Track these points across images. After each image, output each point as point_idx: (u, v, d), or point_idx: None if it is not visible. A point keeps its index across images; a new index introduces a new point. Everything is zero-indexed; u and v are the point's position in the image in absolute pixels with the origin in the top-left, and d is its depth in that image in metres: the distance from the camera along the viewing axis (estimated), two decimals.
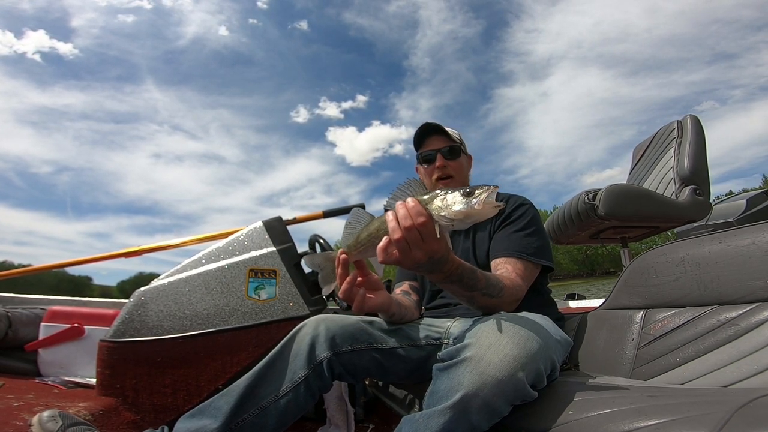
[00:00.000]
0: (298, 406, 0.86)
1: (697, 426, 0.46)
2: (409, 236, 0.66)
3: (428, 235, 0.66)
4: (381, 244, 0.69)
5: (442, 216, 0.65)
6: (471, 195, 0.64)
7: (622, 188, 1.61)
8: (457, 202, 0.64)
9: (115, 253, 1.97)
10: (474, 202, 0.64)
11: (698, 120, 1.83)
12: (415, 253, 0.67)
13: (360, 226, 0.76)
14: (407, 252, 0.67)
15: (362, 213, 0.78)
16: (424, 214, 0.65)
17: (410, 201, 0.66)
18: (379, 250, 0.68)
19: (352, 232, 0.77)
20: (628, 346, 0.88)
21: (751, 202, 2.47)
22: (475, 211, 0.64)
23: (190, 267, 1.29)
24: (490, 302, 0.83)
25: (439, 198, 0.66)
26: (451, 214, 0.65)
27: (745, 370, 0.68)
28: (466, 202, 0.64)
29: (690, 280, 0.83)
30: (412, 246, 0.66)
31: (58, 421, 0.86)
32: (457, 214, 0.64)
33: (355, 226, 0.77)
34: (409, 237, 0.66)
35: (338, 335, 0.90)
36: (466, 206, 0.64)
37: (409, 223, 0.65)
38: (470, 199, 0.64)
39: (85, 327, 1.49)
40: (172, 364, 1.18)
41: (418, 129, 1.21)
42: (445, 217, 0.65)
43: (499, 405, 0.61)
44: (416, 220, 0.65)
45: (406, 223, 0.65)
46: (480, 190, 0.64)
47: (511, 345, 0.65)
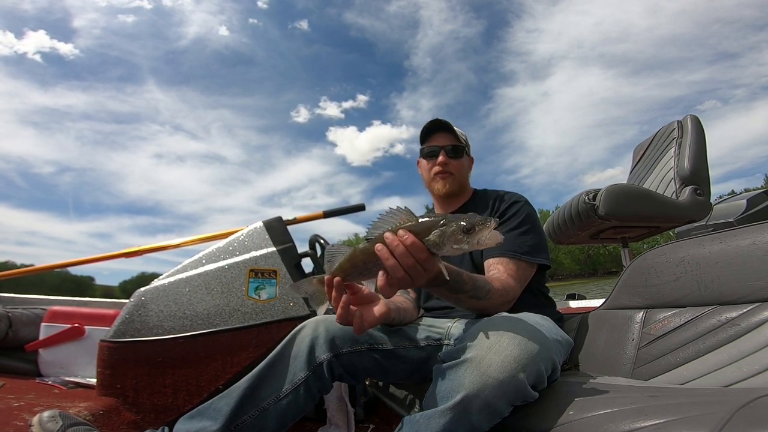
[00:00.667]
0: (298, 407, 0.86)
1: (697, 426, 0.46)
2: (413, 272, 0.64)
3: (431, 266, 0.65)
4: (381, 282, 0.66)
5: (443, 252, 0.64)
6: (471, 231, 0.62)
7: (623, 188, 1.61)
8: (458, 240, 0.62)
9: (115, 254, 1.97)
10: (477, 240, 0.62)
11: (698, 120, 1.83)
12: (418, 281, 0.67)
13: (339, 258, 0.72)
14: (409, 284, 0.66)
15: (339, 247, 0.74)
16: (424, 250, 0.64)
17: (406, 236, 0.63)
18: (382, 288, 0.67)
19: (334, 263, 0.72)
20: (628, 346, 0.88)
21: (752, 202, 2.46)
22: (479, 247, 0.62)
23: (191, 267, 1.29)
24: (477, 304, 0.82)
25: (435, 232, 0.64)
26: (452, 251, 0.64)
27: (745, 370, 0.68)
28: (468, 240, 0.62)
29: (690, 280, 0.83)
30: (414, 279, 0.65)
31: (58, 421, 0.86)
32: (458, 251, 0.63)
33: (335, 259, 0.72)
34: (411, 273, 0.64)
35: (338, 336, 0.90)
36: (468, 245, 0.62)
37: (411, 262, 0.63)
38: (472, 237, 0.62)
39: (86, 327, 1.50)
40: (172, 364, 1.18)
41: (426, 123, 1.20)
42: (445, 253, 0.64)
43: (499, 406, 0.61)
44: (417, 257, 0.63)
45: (408, 261, 0.63)
46: (480, 225, 0.62)
47: (512, 346, 0.64)
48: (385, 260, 0.64)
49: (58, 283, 8.32)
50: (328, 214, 1.83)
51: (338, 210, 1.85)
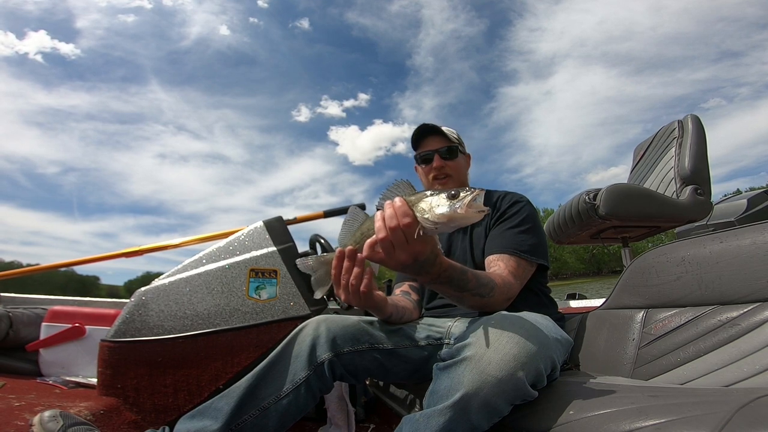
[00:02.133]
0: (299, 407, 0.86)
1: (698, 426, 0.46)
2: (394, 237, 0.65)
3: (413, 237, 0.65)
4: (368, 242, 0.68)
5: (426, 218, 0.64)
6: (455, 198, 0.62)
7: (623, 188, 1.61)
8: (441, 204, 0.63)
9: (116, 253, 1.97)
10: (457, 205, 0.62)
11: (699, 120, 1.83)
12: (399, 254, 0.66)
13: (357, 225, 0.76)
14: (391, 252, 0.66)
15: (359, 212, 0.77)
16: (409, 215, 0.64)
17: (397, 201, 0.66)
18: (366, 247, 0.68)
19: (349, 230, 0.76)
20: (629, 346, 0.88)
21: (752, 202, 2.46)
22: (458, 215, 0.62)
23: (191, 267, 1.29)
24: (480, 302, 0.83)
25: (425, 200, 0.65)
26: (434, 217, 0.63)
27: (746, 370, 0.68)
28: (450, 205, 0.62)
29: (691, 279, 0.83)
30: (396, 246, 0.66)
31: (59, 421, 0.86)
32: (440, 217, 0.63)
33: (351, 224, 0.76)
34: (393, 237, 0.65)
35: (339, 336, 0.90)
36: (450, 209, 0.62)
37: (394, 224, 0.64)
38: (454, 203, 0.62)
39: (86, 327, 1.50)
40: (173, 364, 1.18)
41: (414, 130, 1.22)
42: (428, 220, 0.64)
43: (499, 404, 0.61)
44: (401, 221, 0.64)
45: (391, 223, 0.64)
46: (464, 192, 0.63)
47: (511, 344, 0.65)
48: (375, 222, 0.66)
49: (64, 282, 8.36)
50: (328, 213, 1.84)
51: (339, 210, 1.85)
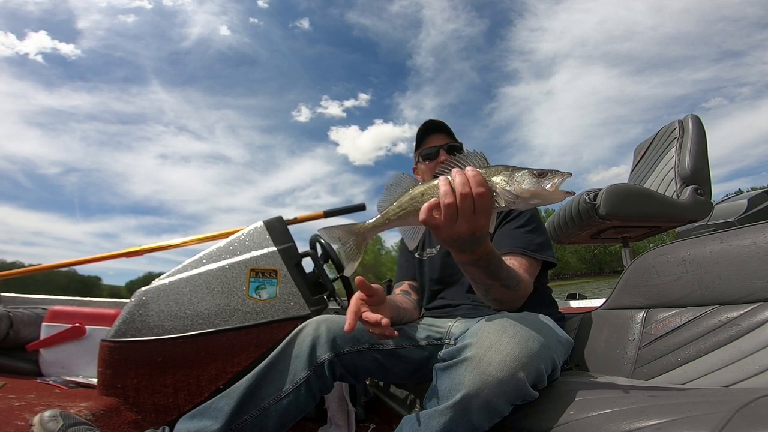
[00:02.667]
0: (299, 407, 0.86)
1: (698, 426, 0.46)
2: (462, 204, 0.61)
3: (482, 208, 0.62)
4: (426, 205, 0.64)
5: (507, 190, 0.61)
6: (543, 176, 0.60)
7: (623, 188, 1.61)
8: (527, 180, 0.60)
9: (116, 253, 1.97)
10: (547, 183, 0.59)
11: (699, 119, 1.83)
12: (460, 224, 0.63)
13: (401, 190, 0.70)
14: (452, 220, 0.63)
15: (405, 177, 0.72)
16: (485, 185, 0.61)
17: (471, 169, 0.62)
18: (425, 208, 0.63)
19: (392, 195, 0.71)
20: (629, 346, 0.88)
21: (753, 202, 2.46)
22: (545, 193, 0.60)
23: (191, 267, 1.29)
24: (506, 295, 0.81)
25: (504, 173, 0.62)
26: (518, 191, 0.60)
27: (746, 370, 0.68)
28: (537, 182, 0.60)
29: (691, 279, 0.82)
30: (460, 215, 0.62)
31: (59, 420, 0.86)
32: (524, 192, 0.60)
33: (395, 189, 0.71)
34: (461, 205, 0.61)
35: (339, 336, 0.90)
36: (536, 186, 0.59)
37: (467, 191, 0.61)
38: (542, 180, 0.59)
39: (87, 327, 1.50)
40: (173, 364, 1.18)
41: (421, 126, 1.21)
42: (511, 192, 0.61)
43: (499, 405, 0.61)
44: (475, 189, 0.61)
45: (464, 190, 0.61)
46: (552, 173, 0.60)
47: (512, 345, 0.64)
48: (441, 186, 0.63)
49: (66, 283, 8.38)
50: (328, 213, 1.83)
51: (339, 210, 1.85)
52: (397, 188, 0.71)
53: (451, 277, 1.13)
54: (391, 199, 0.71)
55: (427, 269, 1.19)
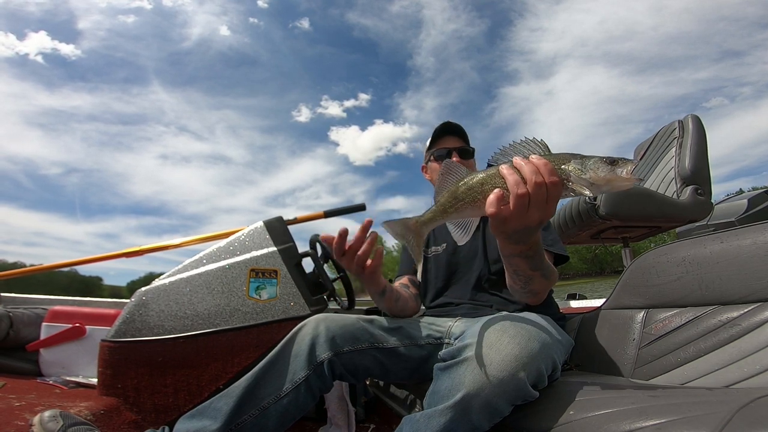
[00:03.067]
0: (299, 406, 0.86)
1: (698, 426, 0.46)
2: (536, 194, 0.60)
3: (554, 197, 0.61)
4: (492, 196, 0.61)
5: (584, 179, 0.60)
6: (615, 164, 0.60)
7: None
8: (602, 168, 0.60)
9: (116, 253, 1.97)
10: (621, 171, 0.59)
11: (699, 120, 1.83)
12: (532, 214, 0.61)
13: (455, 179, 0.67)
14: (523, 210, 0.61)
15: (456, 165, 0.69)
16: (556, 174, 0.60)
17: (537, 158, 0.61)
18: (492, 200, 0.61)
19: (446, 184, 0.68)
20: (629, 346, 0.88)
21: (753, 202, 2.46)
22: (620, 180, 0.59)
23: (191, 267, 1.29)
24: (542, 285, 0.81)
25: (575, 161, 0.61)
26: (594, 179, 0.60)
27: (746, 370, 0.68)
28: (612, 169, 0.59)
29: (691, 280, 0.82)
30: (532, 205, 0.61)
31: (59, 420, 0.86)
32: (601, 179, 0.59)
33: (450, 178, 0.68)
34: (535, 194, 0.60)
35: (339, 335, 0.90)
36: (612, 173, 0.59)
37: (540, 179, 0.59)
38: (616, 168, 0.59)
39: (87, 327, 1.50)
40: (173, 364, 1.18)
41: (439, 125, 1.23)
42: (586, 180, 0.60)
43: (500, 405, 0.61)
44: (548, 178, 0.59)
45: (537, 178, 0.59)
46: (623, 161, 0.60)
47: (512, 345, 0.65)
48: (508, 175, 0.61)
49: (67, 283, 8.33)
50: (328, 214, 1.83)
51: (339, 210, 1.85)
52: (450, 177, 0.68)
53: (456, 276, 1.14)
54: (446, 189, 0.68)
55: (432, 267, 1.19)
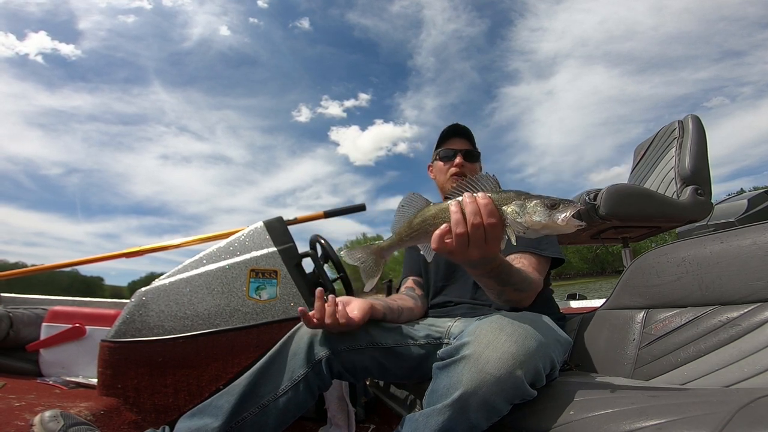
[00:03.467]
0: (298, 404, 0.86)
1: (698, 426, 0.46)
2: (474, 234, 0.62)
3: (493, 238, 0.63)
4: (439, 231, 0.65)
5: (519, 222, 0.61)
6: (555, 207, 0.60)
7: (623, 188, 1.61)
8: (539, 212, 0.60)
9: (116, 254, 1.97)
10: (559, 217, 0.59)
11: (699, 120, 1.83)
12: (472, 251, 0.64)
13: (413, 211, 0.72)
14: (464, 248, 0.63)
15: (417, 197, 0.73)
16: (496, 216, 0.61)
17: (483, 197, 0.62)
18: (436, 236, 0.65)
19: (405, 216, 0.73)
20: (629, 346, 0.88)
21: (753, 202, 2.46)
22: (556, 227, 0.59)
23: (191, 267, 1.29)
24: (518, 296, 0.83)
25: (516, 202, 0.62)
26: (529, 223, 0.60)
27: (746, 371, 0.68)
28: (550, 214, 0.59)
29: (691, 280, 0.82)
30: (471, 244, 0.63)
31: (59, 421, 0.86)
32: (536, 224, 0.60)
33: (407, 210, 0.73)
34: (473, 234, 0.62)
35: (337, 334, 0.90)
36: (548, 218, 0.59)
37: (478, 221, 0.61)
38: (554, 213, 0.59)
39: (87, 327, 1.50)
40: (173, 364, 1.18)
41: (447, 127, 1.26)
42: (521, 224, 0.61)
43: (498, 403, 0.61)
44: (486, 220, 0.61)
45: (475, 220, 0.61)
46: (564, 204, 0.60)
47: (510, 343, 0.65)
48: (452, 213, 0.63)
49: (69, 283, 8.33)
50: (329, 214, 1.84)
51: (339, 210, 1.85)
52: (408, 209, 0.73)
53: (455, 275, 1.15)
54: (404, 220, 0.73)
55: (431, 266, 1.20)
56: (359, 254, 0.78)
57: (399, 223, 0.74)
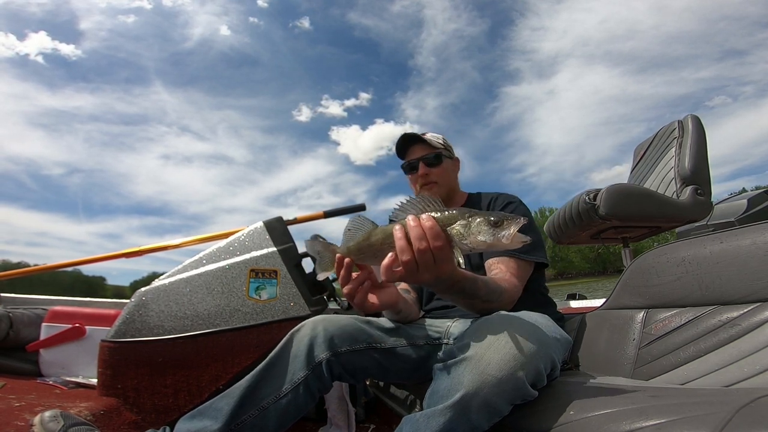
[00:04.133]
0: (298, 406, 0.86)
1: (698, 426, 0.46)
2: (421, 258, 0.61)
3: (442, 260, 0.62)
4: (386, 261, 0.64)
5: (464, 243, 0.60)
6: (499, 225, 0.59)
7: (623, 188, 1.61)
8: (483, 231, 0.59)
9: (116, 254, 1.97)
10: (503, 234, 0.59)
11: (699, 120, 1.83)
12: (423, 274, 0.63)
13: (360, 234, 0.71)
14: (414, 273, 0.63)
15: (363, 220, 0.72)
16: (441, 238, 0.60)
17: (427, 219, 0.61)
18: (384, 268, 0.64)
19: (352, 240, 0.71)
20: (629, 346, 0.88)
21: (753, 202, 2.46)
22: (501, 244, 0.59)
23: (191, 267, 1.29)
24: (489, 306, 0.83)
25: (460, 222, 0.61)
26: (474, 243, 0.60)
27: (746, 370, 0.68)
28: (494, 233, 0.59)
29: (691, 280, 0.82)
30: (421, 268, 0.62)
31: (59, 421, 0.86)
32: (481, 244, 0.59)
33: (355, 233, 0.71)
34: (420, 259, 0.61)
35: (337, 336, 0.90)
36: (493, 237, 0.59)
37: (424, 246, 0.60)
38: (498, 231, 0.59)
39: (86, 327, 1.50)
40: (173, 364, 1.18)
41: (398, 140, 1.22)
42: (467, 245, 0.60)
43: (499, 404, 0.61)
44: (433, 243, 0.60)
45: (421, 245, 0.60)
46: (508, 221, 0.59)
47: (511, 344, 0.64)
48: (397, 239, 0.62)
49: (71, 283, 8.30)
50: (328, 214, 1.83)
51: (339, 210, 1.85)
52: (356, 233, 0.71)
53: None
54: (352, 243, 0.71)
55: None
56: (318, 248, 0.77)
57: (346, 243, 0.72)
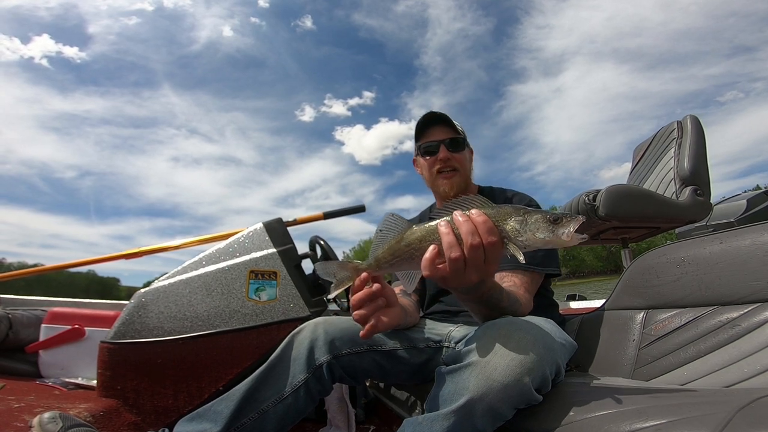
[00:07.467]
0: (298, 410, 0.85)
1: (698, 426, 0.46)
2: (472, 256, 0.57)
3: (493, 259, 0.58)
4: (427, 255, 0.59)
5: (519, 240, 0.57)
6: (557, 223, 0.56)
7: (623, 189, 1.61)
8: (541, 228, 0.56)
9: (116, 255, 1.98)
10: (563, 232, 0.56)
11: (698, 120, 1.83)
12: (470, 274, 0.59)
13: (393, 234, 0.65)
14: (461, 272, 0.58)
15: (398, 219, 0.66)
16: (496, 233, 0.57)
17: (478, 215, 0.57)
18: (426, 261, 0.59)
19: (385, 240, 0.66)
20: (629, 347, 0.88)
21: (752, 203, 2.46)
22: (561, 242, 0.56)
23: (191, 268, 1.29)
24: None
25: (515, 219, 0.58)
26: (531, 240, 0.57)
27: (746, 371, 0.68)
28: (553, 230, 0.56)
29: (691, 280, 0.83)
30: (469, 266, 0.58)
31: (58, 422, 0.86)
32: (538, 241, 0.56)
33: (387, 234, 0.66)
34: (471, 256, 0.57)
35: (337, 338, 0.90)
36: (552, 234, 0.56)
37: (476, 241, 0.56)
38: (557, 228, 0.56)
39: (86, 328, 1.50)
40: (172, 365, 1.18)
41: (421, 117, 1.14)
42: (522, 242, 0.57)
43: (503, 409, 0.61)
44: (486, 239, 0.56)
45: (473, 240, 0.56)
46: (567, 219, 0.56)
47: (518, 350, 0.63)
48: (444, 235, 0.57)
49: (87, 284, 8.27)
50: (328, 215, 1.84)
51: (338, 211, 1.85)
52: (389, 233, 0.66)
53: None
54: (385, 245, 0.66)
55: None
56: (333, 269, 0.72)
57: (379, 248, 0.67)
